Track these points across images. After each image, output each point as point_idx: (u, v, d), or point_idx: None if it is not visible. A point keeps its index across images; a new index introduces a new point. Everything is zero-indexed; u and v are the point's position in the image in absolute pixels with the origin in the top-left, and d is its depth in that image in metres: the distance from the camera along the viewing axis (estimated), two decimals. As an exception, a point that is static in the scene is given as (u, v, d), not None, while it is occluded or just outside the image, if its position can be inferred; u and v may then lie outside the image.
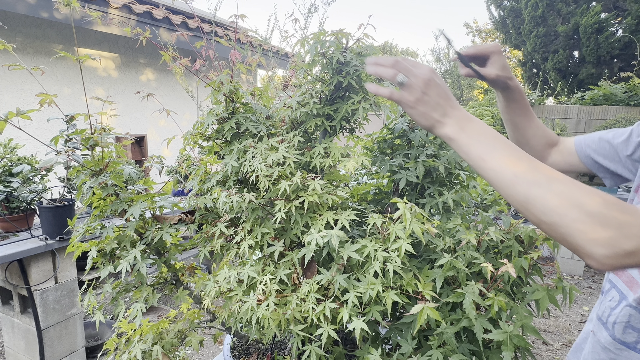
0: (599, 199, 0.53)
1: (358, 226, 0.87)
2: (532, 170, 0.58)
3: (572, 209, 0.54)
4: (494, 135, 0.63)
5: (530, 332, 0.69)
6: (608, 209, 0.53)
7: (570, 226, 0.54)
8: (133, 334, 1.02)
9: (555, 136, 1.01)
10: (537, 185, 0.57)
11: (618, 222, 0.52)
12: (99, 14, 1.00)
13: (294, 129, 0.93)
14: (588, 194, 0.54)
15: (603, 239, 0.52)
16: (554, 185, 0.56)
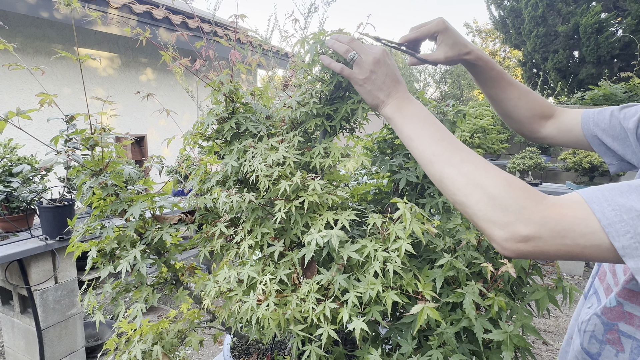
0: (503, 182, 0.54)
1: (358, 226, 0.87)
2: (449, 151, 0.61)
3: (476, 190, 0.55)
4: (425, 116, 0.66)
5: (530, 332, 0.69)
6: (510, 193, 0.53)
7: (473, 207, 0.56)
8: (133, 334, 1.02)
9: (549, 107, 0.94)
10: (450, 165, 0.59)
11: (518, 206, 0.52)
12: (99, 14, 1.00)
13: (294, 129, 0.93)
14: (493, 176, 0.55)
15: (502, 222, 0.53)
16: (464, 166, 0.58)
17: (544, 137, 0.95)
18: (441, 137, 0.62)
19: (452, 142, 0.62)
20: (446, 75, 14.85)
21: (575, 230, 0.48)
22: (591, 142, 0.87)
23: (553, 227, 0.49)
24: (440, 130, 0.64)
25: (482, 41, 17.28)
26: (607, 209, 0.48)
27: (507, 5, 9.51)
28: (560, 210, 0.50)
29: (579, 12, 7.74)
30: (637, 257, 0.46)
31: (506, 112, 0.94)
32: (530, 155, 4.44)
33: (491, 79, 0.90)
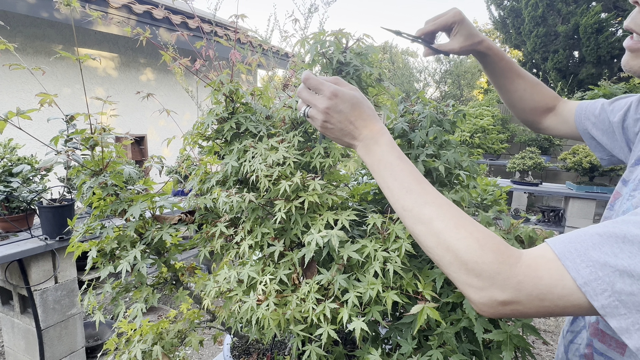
0: (474, 245, 0.51)
1: (358, 226, 0.87)
2: (419, 205, 0.57)
3: (447, 253, 0.52)
4: (391, 162, 0.62)
5: (530, 332, 0.69)
6: (483, 257, 0.50)
7: (447, 268, 0.53)
8: (133, 334, 1.02)
9: (553, 99, 0.93)
10: (420, 223, 0.56)
11: (492, 272, 0.49)
12: (99, 14, 1.00)
13: (294, 129, 0.93)
14: (464, 238, 0.52)
15: (477, 286, 0.50)
16: (434, 225, 0.54)
17: (545, 128, 0.96)
18: (410, 188, 0.58)
19: (421, 193, 0.57)
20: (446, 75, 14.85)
21: (553, 292, 0.46)
22: (583, 136, 0.86)
23: (530, 291, 0.47)
24: (409, 178, 0.59)
25: (482, 41, 17.26)
26: (580, 265, 0.45)
27: (507, 5, 9.50)
28: (535, 273, 0.47)
29: (579, 12, 7.74)
30: (618, 316, 0.43)
31: (511, 102, 0.95)
32: (530, 156, 4.44)
33: (500, 70, 0.89)
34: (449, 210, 0.55)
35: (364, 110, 0.65)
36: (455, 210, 0.55)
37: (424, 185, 0.58)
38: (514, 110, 0.97)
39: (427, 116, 0.95)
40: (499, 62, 0.89)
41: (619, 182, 0.71)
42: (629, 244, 0.43)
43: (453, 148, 0.93)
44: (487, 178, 1.32)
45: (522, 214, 1.03)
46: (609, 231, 0.45)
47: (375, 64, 0.88)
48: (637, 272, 0.42)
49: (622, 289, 0.43)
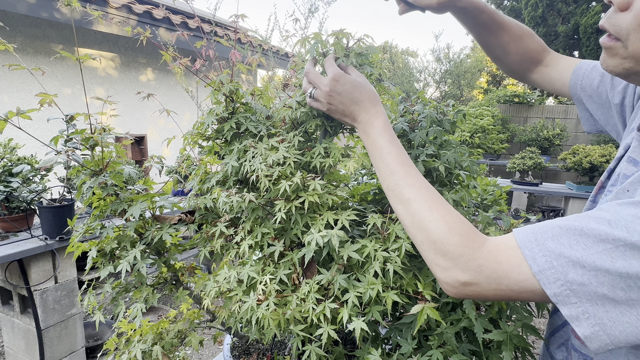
0: (443, 227, 0.55)
1: (358, 226, 0.87)
2: (400, 186, 0.61)
3: (419, 232, 0.57)
4: (381, 144, 0.66)
5: (530, 332, 0.69)
6: (449, 239, 0.54)
7: (419, 246, 0.58)
8: (133, 334, 1.02)
9: (541, 52, 0.87)
10: (399, 203, 0.61)
11: (456, 253, 0.53)
12: (99, 14, 1.00)
13: (294, 129, 0.93)
14: (436, 220, 0.56)
15: (442, 266, 0.54)
16: (411, 206, 0.59)
17: (532, 81, 0.92)
18: (394, 170, 0.63)
19: (404, 176, 0.62)
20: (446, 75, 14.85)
21: (510, 277, 0.49)
22: (576, 103, 0.83)
23: (489, 275, 0.50)
24: (395, 161, 0.64)
25: (482, 41, 17.26)
26: (537, 254, 0.47)
27: (507, 5, 9.50)
28: (495, 258, 0.50)
29: (579, 12, 7.74)
30: (569, 304, 0.45)
31: (496, 56, 0.91)
32: (530, 155, 4.44)
33: (482, 24, 0.84)
34: (426, 194, 0.59)
35: (363, 94, 0.70)
36: (432, 194, 0.59)
37: (408, 169, 0.63)
38: (499, 64, 0.92)
39: (427, 116, 0.95)
40: (480, 16, 0.83)
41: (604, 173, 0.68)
42: (584, 237, 0.45)
43: (453, 148, 0.93)
44: (487, 178, 1.32)
45: (522, 214, 1.03)
46: (570, 224, 0.47)
47: (375, 64, 0.88)
48: (588, 264, 0.44)
49: (574, 279, 0.44)
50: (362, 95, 0.70)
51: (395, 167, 0.63)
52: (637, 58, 0.52)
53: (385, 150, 0.65)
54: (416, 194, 0.59)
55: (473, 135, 5.84)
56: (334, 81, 0.70)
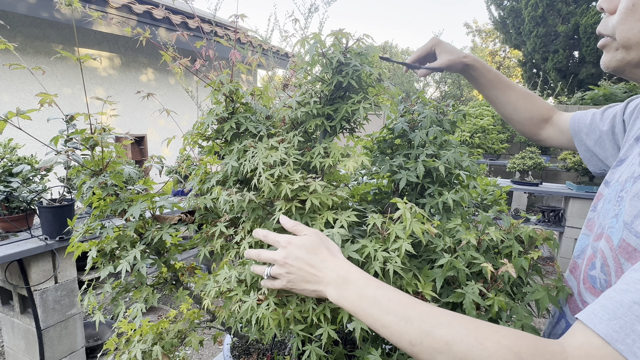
0: (511, 357, 0.44)
1: (358, 226, 0.87)
2: (427, 334, 0.49)
3: None
4: (373, 295, 0.55)
5: (530, 332, 0.69)
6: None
7: None
8: (133, 334, 1.02)
9: (548, 110, 0.95)
10: (438, 353, 0.48)
11: None
12: (99, 14, 1.00)
13: (294, 129, 0.93)
14: (496, 352, 0.45)
15: None
16: (455, 349, 0.47)
17: (544, 139, 0.99)
18: (407, 317, 0.51)
19: (423, 319, 0.50)
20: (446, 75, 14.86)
21: None
22: (578, 147, 0.89)
23: None
24: (401, 306, 0.52)
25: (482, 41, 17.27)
26: (635, 347, 0.39)
27: (507, 5, 9.50)
28: None
29: (579, 12, 7.74)
30: None
31: (507, 113, 0.98)
32: (530, 155, 4.45)
33: (490, 82, 0.94)
34: (461, 325, 0.48)
35: (321, 251, 0.63)
36: (467, 322, 0.49)
37: (420, 307, 0.52)
38: (512, 122, 1.00)
39: (427, 116, 0.95)
40: (487, 74, 0.94)
41: (602, 183, 0.73)
42: None
43: (453, 148, 0.93)
44: (487, 178, 1.32)
45: (522, 214, 1.03)
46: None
47: (375, 64, 0.88)
48: None
49: None
50: (320, 252, 0.63)
51: (407, 312, 0.51)
52: (625, 46, 0.60)
53: (383, 299, 0.54)
54: (451, 332, 0.48)
55: (473, 135, 5.84)
56: (287, 246, 0.64)
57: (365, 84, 0.89)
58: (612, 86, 5.75)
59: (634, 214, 0.53)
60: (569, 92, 8.41)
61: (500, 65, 15.77)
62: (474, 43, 17.69)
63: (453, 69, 0.93)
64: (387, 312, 0.53)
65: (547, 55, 8.78)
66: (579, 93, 6.30)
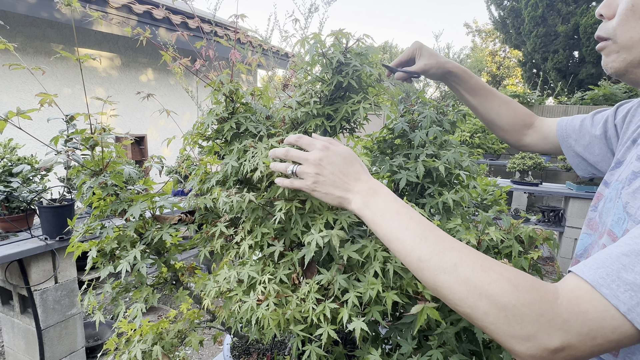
0: (508, 287, 0.46)
1: (358, 226, 0.87)
2: (438, 253, 0.52)
3: (481, 301, 0.47)
4: (397, 211, 0.58)
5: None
6: (520, 299, 0.45)
7: (483, 319, 0.47)
8: (133, 334, 1.02)
9: (530, 116, 0.97)
10: (443, 272, 0.50)
11: (535, 314, 0.44)
12: (99, 14, 1.00)
13: (294, 129, 0.93)
14: (496, 280, 0.47)
15: (521, 336, 0.45)
16: (460, 271, 0.49)
17: (527, 145, 0.98)
18: (423, 235, 0.54)
19: (438, 240, 0.53)
20: (446, 75, 14.79)
21: (604, 326, 0.42)
22: (566, 152, 0.89)
23: (579, 330, 0.43)
24: (420, 226, 0.56)
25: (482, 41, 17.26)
26: (618, 291, 0.42)
27: (507, 5, 9.50)
28: (579, 308, 0.43)
29: (579, 12, 7.74)
30: None
31: (490, 119, 0.98)
32: (530, 155, 4.44)
33: (473, 88, 0.95)
34: (471, 253, 0.51)
35: (356, 164, 0.65)
36: (476, 253, 0.51)
37: (437, 231, 0.55)
38: (494, 128, 0.99)
39: (427, 116, 0.95)
40: (470, 80, 0.94)
41: (601, 184, 0.73)
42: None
43: (453, 148, 0.93)
44: (487, 178, 1.32)
45: (522, 214, 1.03)
46: (634, 249, 0.43)
47: (375, 64, 0.88)
48: None
49: None
50: (355, 166, 0.65)
51: (425, 232, 0.55)
52: (626, 47, 0.62)
53: (405, 216, 0.57)
54: (460, 256, 0.51)
55: (473, 135, 5.84)
56: (325, 150, 0.65)
57: (365, 84, 0.89)
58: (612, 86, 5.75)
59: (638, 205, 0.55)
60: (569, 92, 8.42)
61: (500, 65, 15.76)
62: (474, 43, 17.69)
63: (431, 74, 0.93)
64: (406, 228, 0.56)
65: (547, 55, 8.79)
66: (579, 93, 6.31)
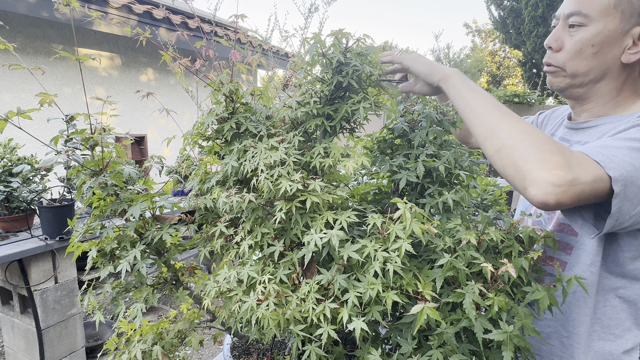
0: (550, 138, 0.66)
1: (358, 226, 0.87)
2: (504, 106, 0.75)
3: (532, 136, 0.66)
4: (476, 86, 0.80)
5: (530, 332, 0.69)
6: (559, 145, 0.65)
7: (527, 149, 0.65)
8: (133, 334, 1.02)
9: None
10: (509, 115, 0.72)
11: (565, 153, 0.63)
12: (99, 14, 1.00)
13: (294, 129, 0.93)
14: (542, 132, 0.68)
15: (554, 163, 0.62)
16: (521, 120, 0.71)
17: (473, 142, 1.19)
18: (494, 99, 0.77)
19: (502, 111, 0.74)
20: (446, 75, 14.78)
21: (595, 172, 0.64)
22: None
23: (586, 169, 0.63)
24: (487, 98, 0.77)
25: (482, 41, 17.26)
26: (597, 156, 0.66)
27: (507, 5, 9.50)
28: (583, 157, 0.65)
29: (579, 12, 7.72)
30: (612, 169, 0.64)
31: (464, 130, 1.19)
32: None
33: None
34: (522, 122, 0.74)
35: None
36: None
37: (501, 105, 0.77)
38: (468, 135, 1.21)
39: (427, 116, 0.95)
40: None
41: None
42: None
43: (453, 148, 0.93)
44: (487, 178, 1.33)
45: (522, 214, 1.03)
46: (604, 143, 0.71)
47: (375, 64, 0.88)
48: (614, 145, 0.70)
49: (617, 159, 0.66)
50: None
51: (492, 99, 0.76)
52: (572, 75, 0.87)
53: (480, 90, 0.79)
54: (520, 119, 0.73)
55: (473, 135, 5.84)
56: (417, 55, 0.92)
57: (365, 84, 0.89)
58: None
59: None
60: (569, 92, 8.38)
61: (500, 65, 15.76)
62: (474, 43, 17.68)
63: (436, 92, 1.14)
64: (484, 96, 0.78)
65: (546, 56, 8.78)
66: (579, 93, 6.27)
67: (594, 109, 0.90)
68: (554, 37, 0.88)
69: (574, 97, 0.91)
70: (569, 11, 0.85)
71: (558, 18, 0.90)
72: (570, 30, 0.85)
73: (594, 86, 0.87)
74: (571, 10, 0.84)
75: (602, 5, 0.80)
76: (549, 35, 0.91)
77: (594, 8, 0.81)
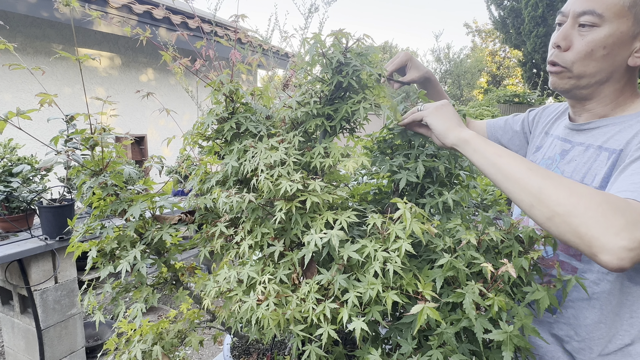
0: (599, 192, 0.60)
1: (358, 226, 0.87)
2: (540, 167, 0.68)
3: (583, 198, 0.59)
4: (501, 149, 0.75)
5: (530, 332, 0.69)
6: (611, 198, 0.58)
7: (584, 214, 0.58)
8: (133, 334, 1.02)
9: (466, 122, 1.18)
10: (549, 177, 0.64)
11: (622, 207, 0.56)
12: (99, 14, 1.00)
13: (294, 129, 0.93)
14: (588, 187, 0.61)
15: (619, 225, 0.55)
16: (562, 179, 0.64)
17: None
18: (523, 159, 0.71)
19: (533, 166, 0.70)
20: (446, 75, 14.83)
21: None
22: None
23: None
24: (516, 157, 0.72)
25: (482, 41, 17.26)
26: None
27: (507, 5, 9.50)
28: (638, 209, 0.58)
29: (579, 12, 7.73)
30: None
31: None
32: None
33: (437, 92, 1.20)
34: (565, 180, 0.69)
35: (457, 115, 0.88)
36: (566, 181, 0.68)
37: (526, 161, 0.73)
38: None
39: (427, 116, 0.95)
40: (437, 86, 1.19)
41: None
42: None
43: (453, 148, 0.93)
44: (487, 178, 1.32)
45: (522, 214, 1.03)
46: None
47: (375, 64, 0.88)
48: None
49: None
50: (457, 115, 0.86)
51: (524, 160, 0.71)
52: (578, 76, 0.84)
53: (505, 151, 0.74)
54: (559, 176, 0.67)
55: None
56: (444, 103, 0.88)
57: (365, 84, 0.89)
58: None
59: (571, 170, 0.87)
60: (569, 92, 8.39)
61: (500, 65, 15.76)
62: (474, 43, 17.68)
63: (415, 81, 1.15)
64: (517, 159, 0.72)
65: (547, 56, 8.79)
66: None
67: (596, 109, 0.89)
68: (563, 35, 0.84)
69: (577, 97, 0.90)
70: (582, 9, 0.81)
71: (565, 15, 0.86)
72: (581, 29, 0.81)
73: (599, 88, 0.85)
74: (584, 8, 0.80)
75: (617, 6, 0.77)
76: (556, 33, 0.87)
77: (609, 8, 0.78)
